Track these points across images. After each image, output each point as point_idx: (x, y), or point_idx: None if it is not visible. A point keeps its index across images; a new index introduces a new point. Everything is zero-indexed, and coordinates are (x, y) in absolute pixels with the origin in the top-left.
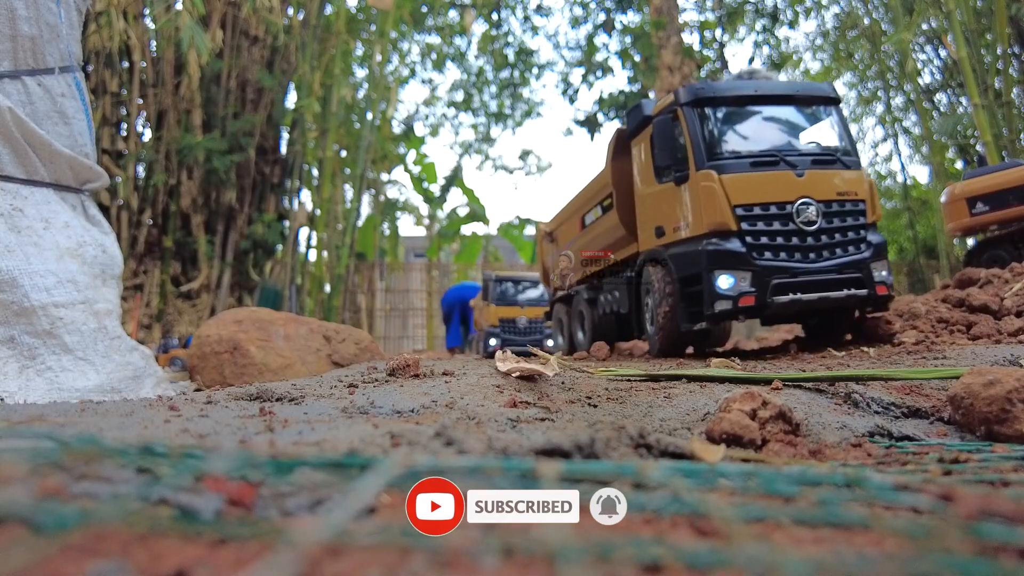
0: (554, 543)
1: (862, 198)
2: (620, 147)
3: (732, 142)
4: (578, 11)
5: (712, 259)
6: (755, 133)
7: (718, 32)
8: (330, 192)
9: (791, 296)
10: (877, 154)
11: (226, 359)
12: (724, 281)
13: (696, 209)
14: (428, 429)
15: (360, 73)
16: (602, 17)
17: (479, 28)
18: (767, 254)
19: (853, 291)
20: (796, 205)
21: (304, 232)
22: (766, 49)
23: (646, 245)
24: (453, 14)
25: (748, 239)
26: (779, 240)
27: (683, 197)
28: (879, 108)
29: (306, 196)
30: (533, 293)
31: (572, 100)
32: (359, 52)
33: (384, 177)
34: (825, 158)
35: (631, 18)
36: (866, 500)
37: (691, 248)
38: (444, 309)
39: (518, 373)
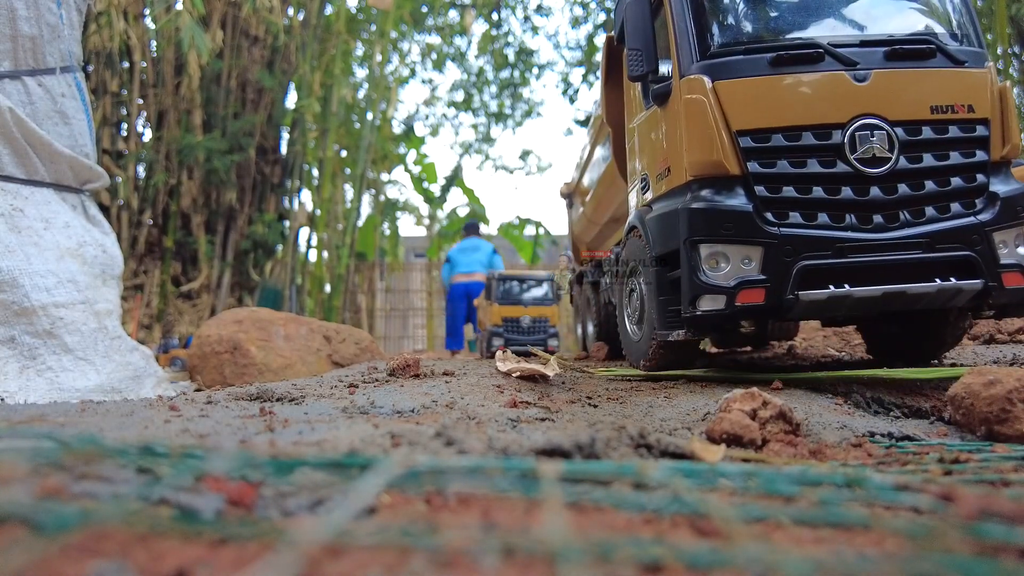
0: (554, 543)
1: (982, 116)
2: (613, 61)
3: (741, 27)
4: (578, 11)
5: (694, 224)
6: (785, 11)
7: None
8: (330, 192)
9: (833, 290)
10: None
11: (226, 359)
12: (714, 262)
13: (676, 141)
14: (428, 429)
15: (360, 73)
16: (602, 17)
17: (479, 28)
18: (794, 215)
19: (956, 281)
20: (851, 129)
21: (304, 232)
22: None
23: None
24: (453, 14)
25: (761, 189)
26: (817, 191)
27: (666, 125)
28: None
29: (306, 196)
30: (537, 292)
31: (572, 100)
32: (359, 52)
33: (384, 177)
34: (912, 48)
35: None
36: (866, 500)
37: (670, 207)
38: (450, 307)
39: (518, 373)
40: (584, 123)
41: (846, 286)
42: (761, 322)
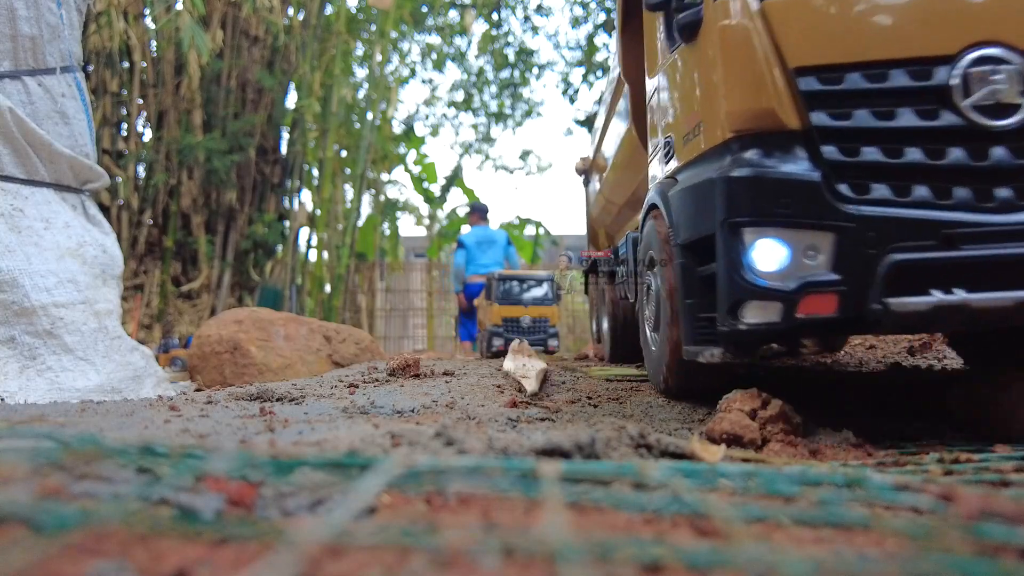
0: (554, 543)
1: None
2: (632, 4)
3: None
4: (578, 11)
5: (735, 198)
6: None
7: None
8: (330, 192)
9: (940, 296)
10: None
11: (226, 359)
12: (765, 254)
13: (709, 87)
14: (428, 429)
15: (360, 73)
16: (602, 17)
17: (479, 28)
18: (880, 188)
19: None
20: (963, 64)
21: (304, 232)
22: None
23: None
24: (453, 14)
25: (831, 150)
26: (913, 154)
27: (696, 67)
28: None
29: (306, 196)
30: (537, 292)
31: (572, 100)
32: (359, 52)
33: (384, 177)
34: None
35: None
36: (866, 500)
37: (701, 176)
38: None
39: (515, 375)
40: (584, 123)
41: (960, 292)
42: (833, 337)
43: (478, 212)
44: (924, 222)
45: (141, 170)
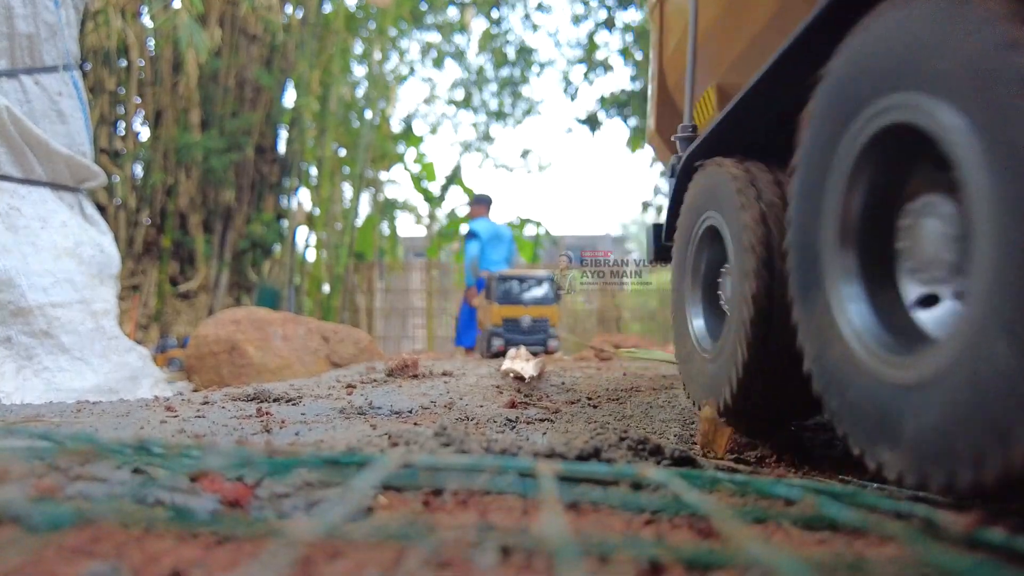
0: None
1: None
2: None
3: None
4: (579, 9)
5: None
6: None
7: None
8: (329, 191)
9: None
10: None
11: (224, 359)
12: None
13: None
14: (427, 430)
15: (359, 71)
16: (603, 15)
17: (479, 26)
18: None
19: None
20: None
21: (303, 232)
22: None
23: None
24: (453, 12)
25: None
26: None
27: None
28: None
29: (305, 195)
30: (537, 292)
31: (573, 98)
32: (358, 50)
33: (383, 176)
34: None
35: (632, 16)
36: (867, 503)
37: None
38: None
39: (513, 374)
40: (584, 122)
41: None
42: None
43: (485, 204)
44: None
45: (138, 169)
